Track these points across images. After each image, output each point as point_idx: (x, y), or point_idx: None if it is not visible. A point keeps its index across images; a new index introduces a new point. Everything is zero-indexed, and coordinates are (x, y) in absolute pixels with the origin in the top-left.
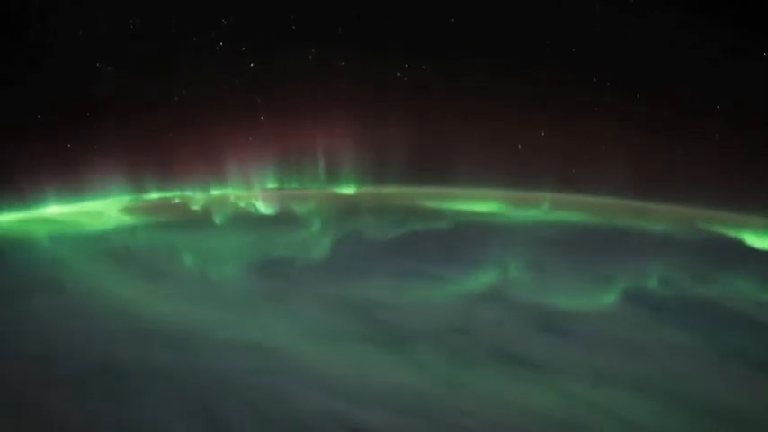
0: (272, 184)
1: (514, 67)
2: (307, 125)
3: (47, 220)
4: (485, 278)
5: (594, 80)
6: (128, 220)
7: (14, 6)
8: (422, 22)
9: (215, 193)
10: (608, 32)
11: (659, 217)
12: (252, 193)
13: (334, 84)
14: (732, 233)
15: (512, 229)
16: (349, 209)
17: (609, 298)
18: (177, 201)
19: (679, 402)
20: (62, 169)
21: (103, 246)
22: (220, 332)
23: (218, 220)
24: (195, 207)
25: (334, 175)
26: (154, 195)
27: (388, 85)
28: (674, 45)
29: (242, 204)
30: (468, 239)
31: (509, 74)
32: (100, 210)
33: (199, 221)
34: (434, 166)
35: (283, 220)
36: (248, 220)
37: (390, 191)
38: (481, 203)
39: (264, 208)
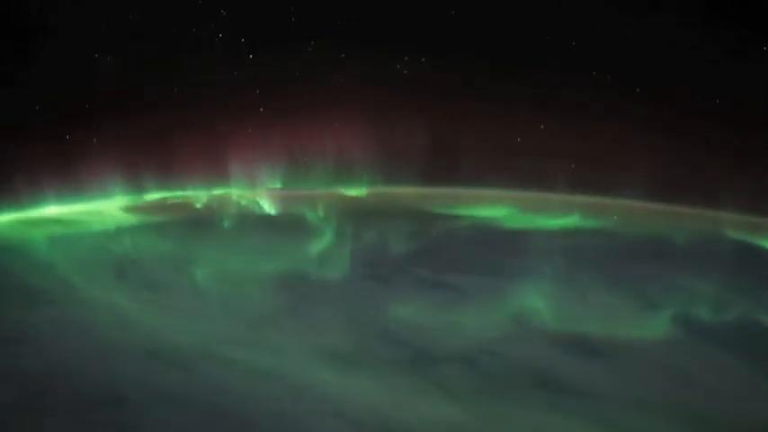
0: (277, 184)
1: (518, 67)
2: (310, 122)
3: (46, 221)
4: (515, 293)
5: (595, 74)
6: (129, 222)
7: (14, 6)
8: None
9: (218, 193)
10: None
11: (674, 219)
12: (256, 193)
13: (334, 79)
14: (760, 241)
15: (536, 236)
16: (360, 213)
17: (650, 317)
18: (180, 201)
19: None
20: (62, 169)
21: (104, 250)
22: (230, 352)
23: (223, 223)
24: (198, 208)
25: (339, 175)
26: (155, 195)
27: (392, 82)
28: (674, 45)
29: (247, 205)
30: (493, 248)
31: (511, 74)
32: (100, 210)
33: (203, 225)
34: (442, 166)
35: (293, 224)
36: (255, 224)
37: (399, 191)
38: (494, 207)
39: (271, 210)
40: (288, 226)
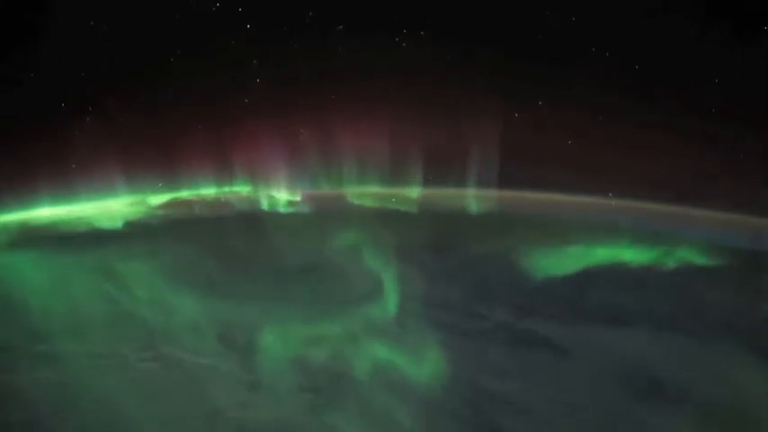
0: (307, 186)
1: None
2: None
3: (45, 223)
4: (640, 355)
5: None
6: (135, 230)
7: (14, 6)
8: None
9: (232, 194)
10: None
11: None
12: (269, 194)
13: (357, 72)
14: None
15: (621, 266)
16: (408, 226)
17: None
18: (187, 200)
19: None
20: (63, 169)
21: (112, 274)
22: None
23: (242, 236)
24: (210, 212)
25: (368, 176)
26: (163, 196)
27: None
28: (673, 43)
29: (260, 209)
30: (583, 284)
31: (519, 73)
32: (103, 210)
33: (218, 236)
34: (487, 167)
35: (326, 242)
36: (272, 234)
37: (435, 194)
38: (556, 219)
39: (293, 216)
40: (325, 246)
